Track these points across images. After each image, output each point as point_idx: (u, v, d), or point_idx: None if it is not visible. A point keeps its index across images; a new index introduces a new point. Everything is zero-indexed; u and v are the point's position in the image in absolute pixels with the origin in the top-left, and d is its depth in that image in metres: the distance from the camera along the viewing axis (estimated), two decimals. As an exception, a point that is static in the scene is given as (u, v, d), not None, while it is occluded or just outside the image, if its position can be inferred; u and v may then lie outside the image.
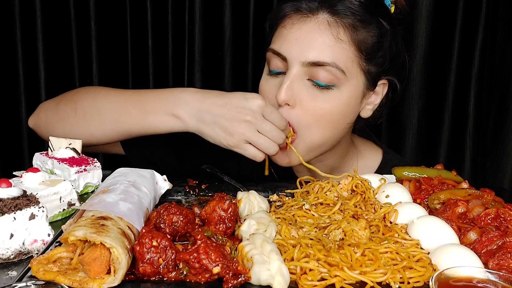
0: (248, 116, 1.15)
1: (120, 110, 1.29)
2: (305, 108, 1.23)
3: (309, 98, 1.22)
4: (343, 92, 1.22)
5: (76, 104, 1.35)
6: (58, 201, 1.08)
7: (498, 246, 0.92)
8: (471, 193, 1.10)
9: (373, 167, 1.47)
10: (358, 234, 0.98)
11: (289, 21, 1.25)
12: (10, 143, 2.28)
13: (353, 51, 1.20)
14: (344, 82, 1.21)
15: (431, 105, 2.21)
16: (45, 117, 1.41)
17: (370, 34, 1.22)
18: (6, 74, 2.21)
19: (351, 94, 1.24)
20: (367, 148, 1.51)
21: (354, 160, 1.47)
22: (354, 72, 1.22)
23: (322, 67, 1.19)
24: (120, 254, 0.81)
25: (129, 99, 1.30)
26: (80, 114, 1.34)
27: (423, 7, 2.11)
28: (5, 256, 0.88)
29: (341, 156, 1.43)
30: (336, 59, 1.19)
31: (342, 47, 1.19)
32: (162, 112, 1.24)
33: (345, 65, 1.20)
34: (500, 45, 2.13)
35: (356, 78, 1.23)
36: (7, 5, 2.14)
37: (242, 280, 0.83)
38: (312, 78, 1.22)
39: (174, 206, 0.98)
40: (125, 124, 1.29)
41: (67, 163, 1.24)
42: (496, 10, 2.09)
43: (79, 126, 1.34)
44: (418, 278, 0.86)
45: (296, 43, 1.22)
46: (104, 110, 1.31)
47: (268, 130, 1.16)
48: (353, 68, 1.21)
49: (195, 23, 2.15)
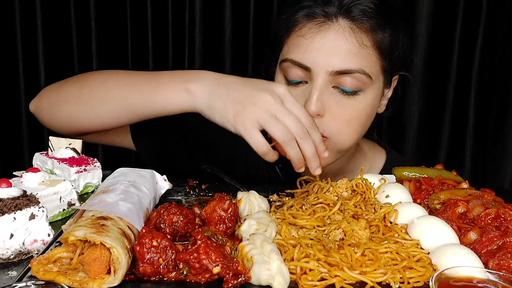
0: (266, 93, 1.04)
1: (130, 86, 1.21)
2: (334, 115, 1.21)
3: (337, 106, 1.21)
4: (368, 95, 1.23)
5: (83, 83, 1.28)
6: (58, 201, 1.08)
7: (498, 246, 0.92)
8: (471, 193, 1.10)
9: (377, 168, 1.47)
10: (358, 234, 0.98)
11: (306, 29, 1.21)
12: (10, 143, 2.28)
13: (376, 54, 1.21)
14: (369, 86, 1.21)
15: (431, 105, 2.21)
16: (48, 99, 1.33)
17: (386, 35, 1.22)
18: (6, 74, 2.21)
19: (375, 96, 1.25)
20: (371, 149, 1.52)
21: (360, 161, 1.47)
22: (377, 75, 1.23)
23: (349, 75, 1.17)
24: (120, 254, 0.81)
25: (141, 76, 1.23)
26: (86, 93, 1.25)
27: (423, 7, 2.11)
28: (5, 256, 0.88)
29: (348, 158, 1.42)
30: (362, 65, 1.18)
31: (367, 53, 1.18)
32: (174, 85, 1.15)
33: (370, 70, 1.19)
34: (500, 45, 2.13)
35: (379, 79, 1.25)
36: (7, 5, 2.14)
37: (242, 280, 0.83)
38: (339, 85, 1.20)
39: (174, 206, 0.98)
40: (133, 100, 1.20)
41: (67, 163, 1.24)
42: (496, 10, 2.09)
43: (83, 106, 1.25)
44: (418, 278, 0.86)
45: (321, 52, 1.18)
46: (113, 87, 1.22)
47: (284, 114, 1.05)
48: (376, 70, 1.22)
49: (195, 23, 2.15)
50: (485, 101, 2.19)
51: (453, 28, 2.11)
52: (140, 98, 1.19)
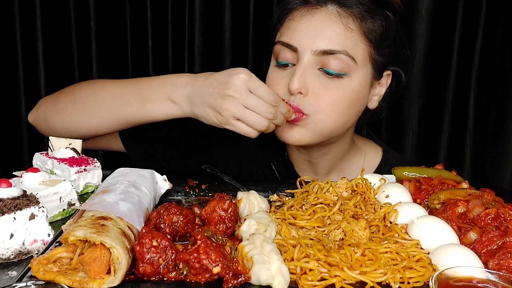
0: (230, 91, 1.13)
1: (119, 99, 1.30)
2: (317, 96, 1.24)
3: (321, 87, 1.24)
4: (354, 80, 1.24)
5: (75, 95, 1.36)
6: (58, 201, 1.08)
7: (498, 246, 0.92)
8: (471, 193, 1.10)
9: (373, 166, 1.48)
10: (358, 234, 0.98)
11: (298, 13, 1.27)
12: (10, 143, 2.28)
13: (363, 40, 1.23)
14: (354, 70, 1.23)
15: (431, 105, 2.21)
16: (45, 110, 1.41)
17: (377, 24, 1.25)
18: (6, 74, 2.21)
19: (361, 82, 1.25)
20: (367, 146, 1.53)
21: (355, 158, 1.48)
22: (364, 61, 1.24)
23: (333, 56, 1.21)
24: (120, 254, 0.81)
25: (126, 88, 1.31)
26: (78, 104, 1.34)
27: (423, 7, 2.11)
28: (5, 256, 0.88)
29: (342, 153, 1.44)
30: (346, 47, 1.21)
31: (352, 36, 1.21)
32: (159, 99, 1.25)
33: (355, 53, 1.22)
34: (500, 45, 2.13)
35: (366, 67, 1.26)
36: (7, 5, 2.14)
37: (242, 280, 0.83)
38: (323, 67, 1.23)
39: (174, 206, 0.98)
40: (125, 112, 1.29)
41: (67, 163, 1.24)
42: (496, 10, 2.09)
43: (77, 117, 1.34)
44: (418, 278, 0.86)
45: (307, 32, 1.23)
46: (103, 100, 1.31)
47: (254, 105, 1.14)
48: (363, 56, 1.24)
49: (195, 23, 2.15)
50: (485, 101, 2.19)
51: (453, 28, 2.11)
52: (130, 110, 1.28)
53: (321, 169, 1.46)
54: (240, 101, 1.13)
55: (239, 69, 1.17)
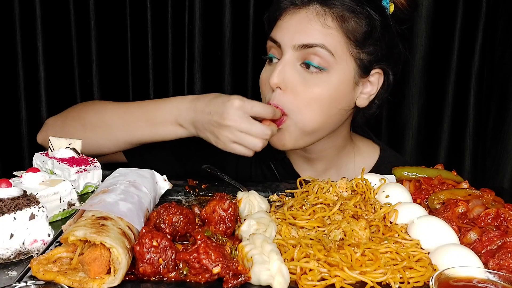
0: (227, 121, 1.21)
1: (130, 124, 1.39)
2: (296, 92, 1.28)
3: (300, 82, 1.28)
4: (333, 76, 1.27)
5: (85, 120, 1.45)
6: (58, 201, 1.08)
7: (498, 246, 0.92)
8: (471, 193, 1.10)
9: (370, 164, 1.50)
10: (358, 234, 0.98)
11: (285, 13, 1.35)
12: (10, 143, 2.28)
13: (341, 37, 1.27)
14: (333, 65, 1.27)
15: (431, 105, 2.20)
16: (54, 133, 1.45)
17: (359, 23, 1.28)
18: (6, 74, 2.21)
19: (341, 79, 1.28)
20: (365, 144, 1.55)
21: (352, 156, 1.50)
22: (343, 57, 1.27)
23: (312, 49, 1.26)
24: (120, 254, 0.81)
25: (133, 112, 1.40)
26: (89, 129, 1.43)
27: (423, 7, 2.11)
28: (5, 256, 0.88)
29: (338, 150, 1.46)
30: (324, 41, 1.26)
31: (329, 33, 1.26)
32: (168, 122, 1.34)
33: (333, 48, 1.26)
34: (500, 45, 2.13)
35: (346, 63, 1.28)
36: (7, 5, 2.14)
37: (242, 280, 0.83)
38: (304, 60, 1.28)
39: (174, 206, 0.98)
40: (136, 135, 1.39)
41: (67, 163, 1.24)
42: (496, 10, 2.09)
43: (89, 140, 1.40)
44: (418, 278, 0.86)
45: (288, 30, 1.30)
46: (114, 125, 1.41)
47: (249, 129, 1.21)
48: (342, 52, 1.27)
49: (195, 23, 2.15)
50: (485, 101, 2.19)
51: (452, 28, 2.11)
52: (142, 133, 1.39)
53: (319, 166, 1.48)
54: (236, 127, 1.21)
55: (232, 96, 1.24)
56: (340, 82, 1.28)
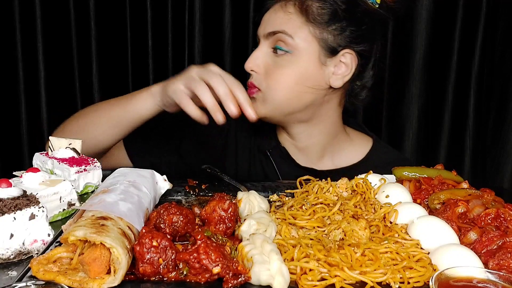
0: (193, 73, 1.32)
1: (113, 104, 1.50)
2: (268, 73, 1.42)
3: (270, 65, 1.42)
4: (298, 57, 1.39)
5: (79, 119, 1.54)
6: (58, 201, 1.08)
7: (498, 246, 0.92)
8: (471, 193, 1.10)
9: (362, 152, 1.57)
10: (358, 234, 0.98)
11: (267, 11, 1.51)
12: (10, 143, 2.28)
13: (303, 20, 1.38)
14: (297, 47, 1.38)
15: (431, 105, 2.21)
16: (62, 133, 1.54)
17: (321, 7, 1.38)
18: (6, 74, 2.21)
19: (305, 58, 1.39)
20: (358, 136, 1.62)
21: (345, 144, 1.57)
22: (306, 39, 1.38)
23: (276, 36, 1.40)
24: (120, 254, 0.81)
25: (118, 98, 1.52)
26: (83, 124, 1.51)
27: (423, 7, 2.11)
28: (5, 256, 0.88)
29: (330, 137, 1.53)
30: (285, 27, 1.38)
31: (290, 18, 1.39)
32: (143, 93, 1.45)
33: (294, 32, 1.37)
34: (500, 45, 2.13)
35: (309, 44, 1.38)
36: (7, 5, 2.14)
37: (242, 280, 0.83)
38: (272, 47, 1.42)
39: (174, 206, 0.98)
40: (116, 114, 1.48)
41: (67, 163, 1.24)
42: (496, 10, 2.10)
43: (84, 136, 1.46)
44: (418, 278, 0.86)
45: (262, 23, 1.48)
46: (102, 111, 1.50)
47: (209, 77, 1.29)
48: (303, 34, 1.38)
49: (195, 23, 2.15)
50: (485, 101, 2.19)
51: (453, 28, 2.11)
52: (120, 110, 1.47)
53: (311, 154, 1.55)
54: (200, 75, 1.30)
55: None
56: (304, 62, 1.39)
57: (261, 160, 1.58)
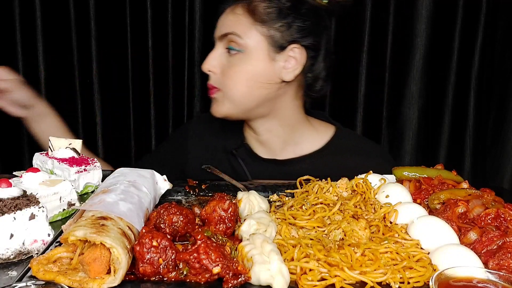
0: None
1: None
2: (223, 72, 1.49)
3: (226, 65, 1.48)
4: (249, 54, 1.45)
5: None
6: (58, 201, 1.08)
7: (498, 246, 0.92)
8: (471, 193, 1.10)
9: (325, 139, 1.61)
10: (358, 234, 0.98)
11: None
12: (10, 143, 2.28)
13: (250, 20, 1.44)
14: (246, 46, 1.44)
15: (431, 105, 2.20)
16: None
17: (267, 6, 1.44)
18: (6, 74, 2.21)
19: (256, 56, 1.45)
20: (322, 125, 1.66)
21: (307, 133, 1.61)
22: (254, 37, 1.44)
23: (228, 37, 1.46)
24: (120, 254, 0.81)
25: None
26: None
27: (423, 7, 2.11)
28: (5, 256, 0.88)
29: (291, 129, 1.58)
30: (235, 28, 1.45)
31: (240, 19, 1.46)
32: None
33: (242, 32, 1.44)
34: (500, 45, 2.13)
35: (257, 43, 1.44)
36: (7, 5, 2.14)
37: (242, 280, 0.83)
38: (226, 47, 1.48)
39: (174, 206, 0.98)
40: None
41: (67, 163, 1.24)
42: (496, 10, 2.09)
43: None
44: (418, 278, 0.86)
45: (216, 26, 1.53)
46: None
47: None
48: (251, 33, 1.44)
49: (195, 23, 2.15)
50: (485, 101, 2.19)
51: (453, 28, 2.11)
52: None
53: (273, 146, 1.59)
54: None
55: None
56: (255, 59, 1.45)
57: (230, 160, 1.61)
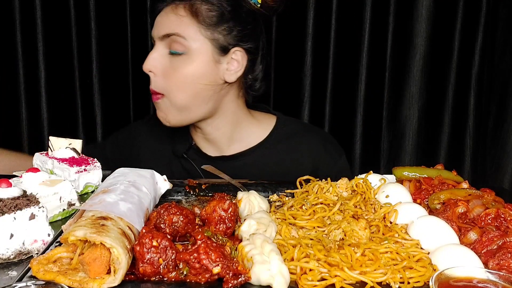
0: None
1: None
2: (166, 75, 1.46)
3: (167, 67, 1.46)
4: (192, 57, 1.44)
5: None
6: (58, 201, 1.08)
7: (498, 246, 0.92)
8: (471, 193, 1.10)
9: (268, 129, 1.64)
10: (358, 234, 0.98)
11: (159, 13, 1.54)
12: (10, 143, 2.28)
13: (194, 23, 1.43)
14: (190, 48, 1.43)
15: (431, 105, 2.20)
16: None
17: (209, 10, 1.44)
18: (6, 74, 2.21)
19: (200, 58, 1.44)
20: (264, 117, 1.69)
21: (251, 127, 1.63)
22: (198, 40, 1.43)
23: (170, 38, 1.44)
24: (120, 254, 0.81)
25: None
26: None
27: (423, 7, 2.11)
28: (5, 256, 0.88)
29: (234, 125, 1.59)
30: (178, 30, 1.43)
31: (183, 21, 1.44)
32: None
33: (187, 34, 1.43)
34: (500, 45, 2.13)
35: (201, 45, 1.44)
36: (7, 5, 2.14)
37: (242, 280, 0.83)
38: (168, 49, 1.46)
39: (174, 206, 0.98)
40: None
41: (67, 163, 1.24)
42: (496, 10, 2.09)
43: None
44: (418, 278, 0.86)
45: (156, 25, 1.50)
46: None
47: None
48: (195, 36, 1.43)
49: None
50: (485, 101, 2.19)
51: (452, 28, 2.11)
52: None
53: (220, 143, 1.60)
54: None
55: None
56: (199, 62, 1.44)
57: (181, 162, 1.61)
